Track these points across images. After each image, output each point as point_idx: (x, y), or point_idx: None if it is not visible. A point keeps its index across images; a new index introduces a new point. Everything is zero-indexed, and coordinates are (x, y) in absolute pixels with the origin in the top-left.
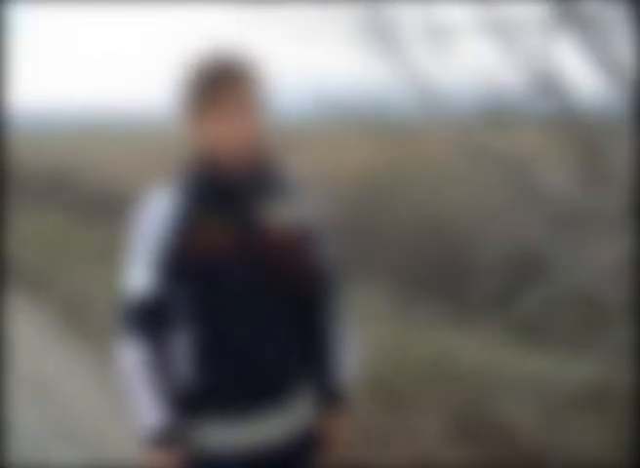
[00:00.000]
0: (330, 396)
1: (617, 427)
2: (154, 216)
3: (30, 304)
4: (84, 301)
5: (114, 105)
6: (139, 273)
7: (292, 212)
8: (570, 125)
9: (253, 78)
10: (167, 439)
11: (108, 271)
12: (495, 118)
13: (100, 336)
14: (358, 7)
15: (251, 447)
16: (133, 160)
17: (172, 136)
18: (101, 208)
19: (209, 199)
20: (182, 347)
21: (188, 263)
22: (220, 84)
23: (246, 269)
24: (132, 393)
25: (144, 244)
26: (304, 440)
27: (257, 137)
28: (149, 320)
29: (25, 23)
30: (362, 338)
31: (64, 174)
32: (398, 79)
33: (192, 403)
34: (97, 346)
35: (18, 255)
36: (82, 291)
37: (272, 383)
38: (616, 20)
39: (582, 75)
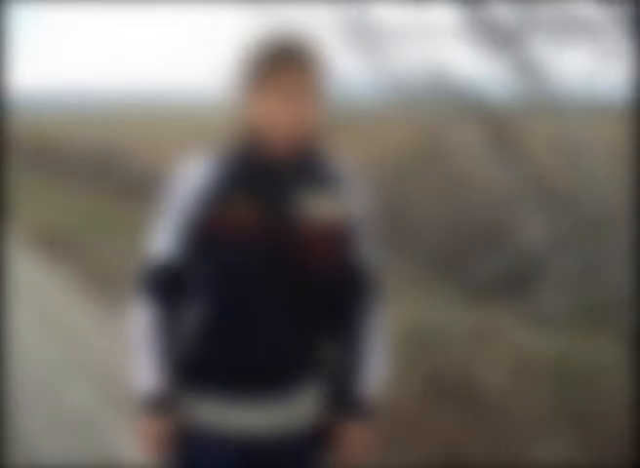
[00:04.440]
0: (352, 404)
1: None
2: (188, 186)
3: (62, 266)
4: (108, 266)
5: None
6: (163, 238)
7: (333, 206)
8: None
9: (316, 64)
10: (160, 405)
11: (132, 243)
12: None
13: (118, 296)
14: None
15: (242, 431)
16: (171, 142)
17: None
18: (138, 186)
19: (246, 178)
20: (194, 318)
21: (213, 238)
22: (284, 64)
23: (268, 256)
24: (135, 355)
25: (174, 211)
26: (306, 438)
27: (310, 124)
28: (165, 286)
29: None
30: None
31: (109, 155)
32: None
33: (193, 374)
34: (114, 302)
35: (54, 224)
36: (108, 257)
37: (276, 373)
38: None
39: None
